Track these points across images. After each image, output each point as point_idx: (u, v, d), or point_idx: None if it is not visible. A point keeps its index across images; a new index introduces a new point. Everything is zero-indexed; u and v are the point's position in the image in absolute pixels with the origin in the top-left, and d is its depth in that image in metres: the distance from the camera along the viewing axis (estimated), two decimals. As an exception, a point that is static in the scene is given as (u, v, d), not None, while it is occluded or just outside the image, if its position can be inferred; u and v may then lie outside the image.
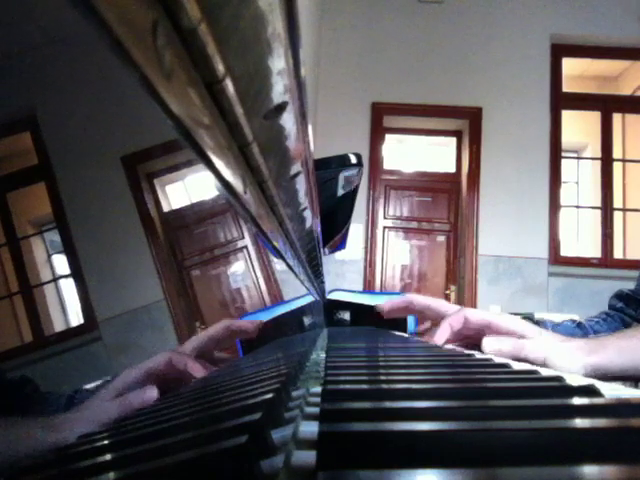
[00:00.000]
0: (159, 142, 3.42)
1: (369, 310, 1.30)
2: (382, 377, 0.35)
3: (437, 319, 0.88)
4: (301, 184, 0.35)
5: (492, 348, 0.61)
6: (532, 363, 0.54)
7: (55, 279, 4.59)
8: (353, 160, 0.66)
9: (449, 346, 0.69)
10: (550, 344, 0.60)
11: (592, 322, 0.88)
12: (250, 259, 3.82)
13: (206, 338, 0.79)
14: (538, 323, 0.86)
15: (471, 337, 0.70)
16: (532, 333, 0.62)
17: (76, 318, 4.34)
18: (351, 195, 0.80)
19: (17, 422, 0.54)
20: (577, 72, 4.26)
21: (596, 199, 3.95)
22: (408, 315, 1.15)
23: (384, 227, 3.86)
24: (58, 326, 4.36)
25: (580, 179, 4.71)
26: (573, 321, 0.89)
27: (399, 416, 0.20)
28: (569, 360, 0.58)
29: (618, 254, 3.81)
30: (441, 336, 0.67)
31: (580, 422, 0.19)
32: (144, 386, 0.59)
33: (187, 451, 0.17)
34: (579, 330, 0.86)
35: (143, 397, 0.55)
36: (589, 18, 3.69)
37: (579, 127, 4.29)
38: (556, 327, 0.86)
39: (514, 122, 3.69)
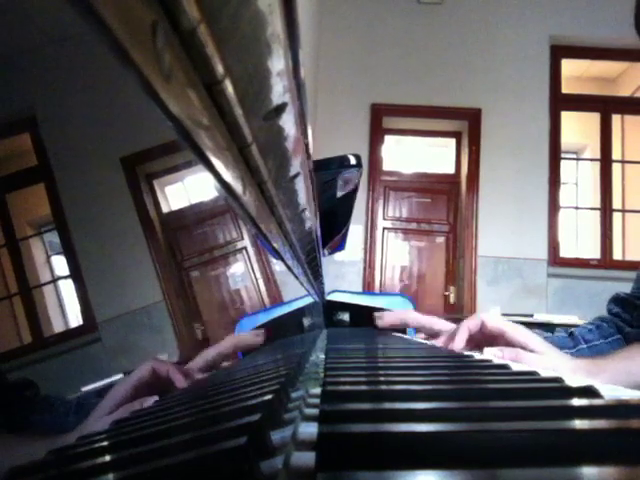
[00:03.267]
0: (158, 143, 3.42)
1: (368, 311, 1.30)
2: (381, 378, 0.35)
3: (431, 335, 0.91)
4: (300, 185, 0.35)
5: (493, 354, 0.62)
6: None
7: (54, 280, 4.58)
8: (352, 161, 0.66)
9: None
10: (556, 362, 0.62)
11: (584, 330, 0.88)
12: (249, 260, 3.82)
13: (215, 355, 0.80)
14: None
15: (482, 345, 0.71)
16: (542, 350, 0.64)
17: (75, 319, 4.34)
18: (350, 196, 0.80)
19: (17, 441, 0.54)
20: (576, 73, 4.27)
21: (595, 200, 3.95)
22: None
23: (383, 228, 3.86)
24: (57, 327, 4.35)
25: (579, 180, 4.71)
26: (566, 330, 0.90)
27: (398, 417, 0.20)
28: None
29: (617, 255, 3.81)
30: (460, 339, 0.69)
31: (579, 423, 0.19)
32: (133, 398, 0.60)
33: (186, 452, 0.17)
34: (570, 341, 0.87)
35: (141, 406, 0.55)
36: (588, 19, 3.69)
37: (578, 128, 4.29)
38: (547, 339, 0.87)
39: (513, 123, 3.69)
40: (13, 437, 0.56)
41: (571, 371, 0.61)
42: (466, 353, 0.59)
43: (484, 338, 0.70)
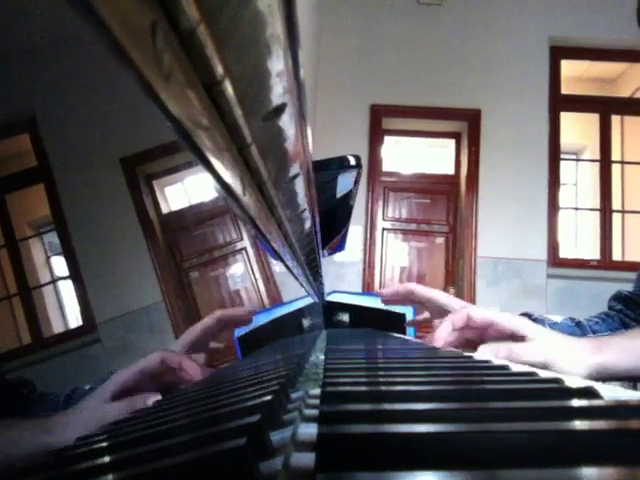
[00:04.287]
0: (158, 144, 3.42)
1: (368, 312, 1.30)
2: (381, 379, 0.35)
3: (437, 311, 0.88)
4: (300, 186, 0.35)
5: (486, 354, 0.61)
6: (532, 365, 0.54)
7: (54, 281, 4.58)
8: (352, 162, 0.66)
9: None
10: (553, 344, 0.60)
11: (592, 322, 0.87)
12: (249, 261, 3.82)
13: (199, 331, 0.79)
14: (536, 321, 0.86)
15: (473, 339, 0.69)
16: (535, 333, 0.62)
17: (75, 320, 4.34)
18: (350, 197, 0.80)
19: (13, 424, 0.54)
20: (576, 74, 4.27)
21: (595, 201, 3.95)
22: (407, 310, 1.15)
23: (383, 229, 3.86)
24: (57, 328, 4.35)
25: (579, 181, 4.71)
26: (572, 319, 0.89)
27: (398, 418, 0.20)
28: (573, 360, 0.58)
29: (617, 256, 3.81)
30: (442, 333, 0.67)
31: (579, 424, 0.19)
32: (138, 387, 0.59)
33: (186, 453, 0.17)
34: (578, 329, 0.85)
35: (144, 402, 0.55)
36: (588, 20, 3.69)
37: (578, 129, 4.30)
38: (554, 326, 0.86)
39: (513, 124, 3.70)
40: (6, 421, 0.55)
41: (577, 349, 0.59)
42: (465, 354, 0.59)
43: (473, 332, 0.68)
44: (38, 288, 4.17)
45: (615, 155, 3.88)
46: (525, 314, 0.89)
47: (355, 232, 3.66)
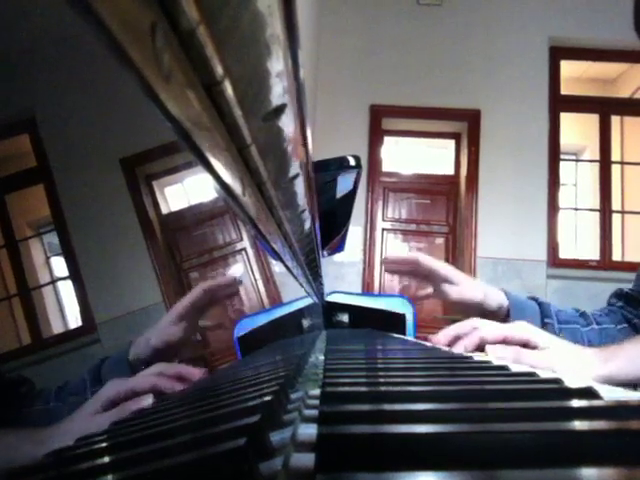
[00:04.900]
0: (158, 144, 3.42)
1: (368, 312, 1.30)
2: (381, 379, 0.35)
3: (440, 287, 0.88)
4: (300, 186, 0.35)
5: (495, 354, 0.61)
6: None
7: (53, 281, 4.58)
8: (352, 162, 0.66)
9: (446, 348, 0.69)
10: (563, 353, 0.61)
11: (596, 314, 0.88)
12: (249, 261, 3.82)
13: (186, 305, 0.78)
14: (542, 305, 0.87)
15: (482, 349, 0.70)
16: (547, 343, 0.63)
17: (74, 320, 4.33)
18: (350, 197, 0.80)
19: (3, 434, 0.54)
20: (575, 74, 4.27)
21: (594, 201, 3.95)
22: (407, 310, 1.15)
23: (383, 229, 3.85)
24: (56, 328, 4.35)
25: (578, 181, 4.71)
26: (577, 310, 0.89)
27: (398, 418, 0.20)
28: (581, 370, 0.58)
29: (616, 256, 3.81)
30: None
31: (579, 424, 0.19)
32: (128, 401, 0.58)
33: (186, 453, 0.17)
34: (582, 319, 0.86)
35: (135, 407, 0.55)
36: (587, 21, 3.69)
37: (577, 129, 4.30)
38: (559, 312, 0.87)
39: (512, 124, 3.69)
40: (10, 431, 0.55)
41: (585, 360, 0.60)
42: (465, 354, 0.59)
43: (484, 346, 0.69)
44: (38, 288, 4.16)
45: (615, 156, 3.88)
46: (532, 298, 0.90)
47: (355, 232, 3.65)
